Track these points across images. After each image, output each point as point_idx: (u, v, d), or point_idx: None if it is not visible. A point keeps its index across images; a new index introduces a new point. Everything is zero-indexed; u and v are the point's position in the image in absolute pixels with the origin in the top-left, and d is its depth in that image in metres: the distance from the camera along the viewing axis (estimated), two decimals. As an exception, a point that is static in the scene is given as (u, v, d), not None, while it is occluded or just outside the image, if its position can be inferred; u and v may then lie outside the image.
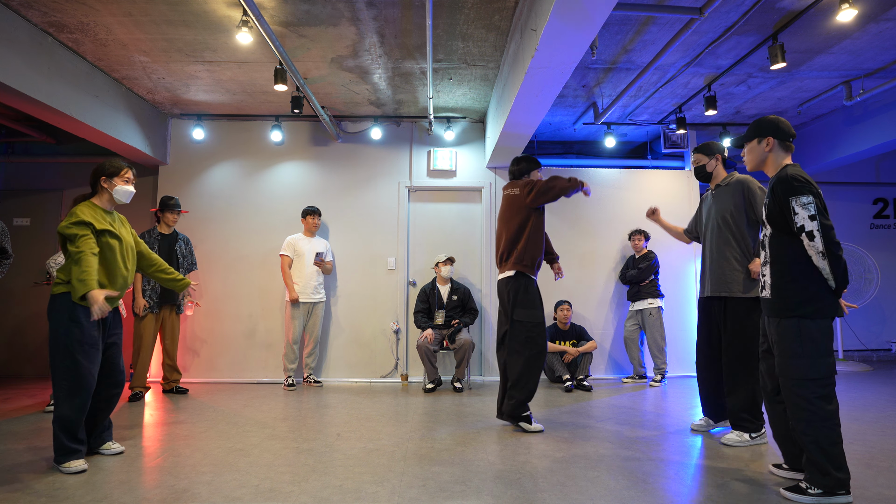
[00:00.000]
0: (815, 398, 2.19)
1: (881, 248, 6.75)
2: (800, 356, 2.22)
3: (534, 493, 2.34)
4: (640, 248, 5.37)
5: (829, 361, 2.22)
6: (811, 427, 2.19)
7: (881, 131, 5.10)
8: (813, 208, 2.18)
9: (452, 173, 5.65)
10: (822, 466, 2.17)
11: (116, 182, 2.84)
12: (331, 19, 3.68)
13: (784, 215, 2.26)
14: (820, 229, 2.16)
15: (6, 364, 5.59)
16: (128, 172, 2.88)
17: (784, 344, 2.27)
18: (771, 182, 2.36)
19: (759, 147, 2.43)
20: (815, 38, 3.95)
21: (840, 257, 2.17)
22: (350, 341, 5.44)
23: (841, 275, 2.18)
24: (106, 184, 2.84)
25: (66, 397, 2.61)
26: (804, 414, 2.20)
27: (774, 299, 2.31)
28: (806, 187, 2.21)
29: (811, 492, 2.18)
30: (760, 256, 2.47)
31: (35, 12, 3.57)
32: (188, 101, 5.17)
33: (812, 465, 2.21)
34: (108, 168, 2.84)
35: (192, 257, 4.89)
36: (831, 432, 2.18)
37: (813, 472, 2.20)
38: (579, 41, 3.00)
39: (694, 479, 2.52)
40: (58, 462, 2.61)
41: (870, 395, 4.45)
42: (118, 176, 2.85)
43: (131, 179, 2.91)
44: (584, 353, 5.06)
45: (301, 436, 3.26)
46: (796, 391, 2.23)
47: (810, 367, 2.21)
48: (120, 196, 2.85)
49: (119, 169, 2.85)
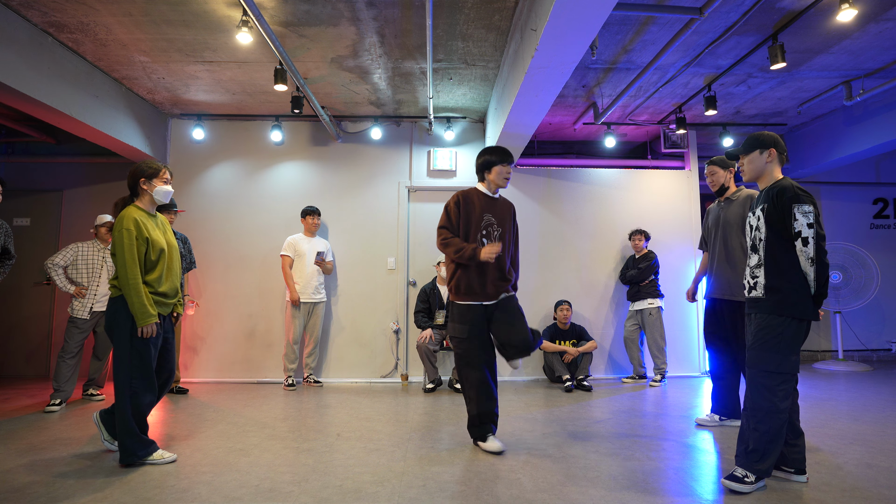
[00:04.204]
0: (777, 390, 2.36)
1: (881, 248, 6.75)
2: (774, 351, 2.37)
3: (534, 493, 2.34)
4: (640, 248, 5.37)
5: (795, 360, 2.38)
6: (767, 417, 2.35)
7: (881, 131, 5.10)
8: (812, 217, 2.33)
9: (452, 173, 5.65)
10: (761, 456, 2.35)
11: (156, 183, 2.86)
12: (331, 19, 3.68)
13: (784, 220, 2.39)
14: (814, 237, 2.31)
15: (6, 364, 5.59)
16: (166, 172, 2.91)
17: (762, 336, 2.40)
18: (770, 190, 2.48)
19: (760, 158, 2.54)
20: (815, 38, 3.95)
21: (826, 266, 2.34)
22: (350, 341, 5.44)
23: (824, 281, 2.34)
24: (146, 185, 2.85)
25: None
26: (764, 404, 2.36)
27: (766, 298, 2.42)
28: (808, 197, 2.36)
29: (748, 480, 2.36)
30: (751, 259, 2.54)
31: (35, 12, 3.57)
32: (188, 101, 5.16)
33: (752, 454, 2.37)
34: (147, 170, 2.85)
35: (190, 256, 4.88)
36: (781, 428, 2.35)
37: (751, 461, 2.37)
38: (579, 41, 3.00)
39: (694, 479, 2.53)
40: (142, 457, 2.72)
41: (870, 395, 4.45)
42: (157, 177, 2.87)
43: (170, 179, 2.94)
44: (584, 353, 5.06)
45: (301, 436, 3.26)
46: (762, 381, 2.38)
47: (780, 362, 2.36)
48: (160, 196, 2.88)
49: (158, 170, 2.87)
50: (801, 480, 2.46)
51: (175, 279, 2.91)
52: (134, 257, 2.67)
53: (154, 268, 2.78)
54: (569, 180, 5.79)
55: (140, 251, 2.71)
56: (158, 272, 2.78)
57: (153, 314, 2.68)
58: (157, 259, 2.78)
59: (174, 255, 2.92)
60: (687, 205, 5.81)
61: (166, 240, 2.89)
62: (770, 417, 2.34)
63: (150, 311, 2.66)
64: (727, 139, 5.73)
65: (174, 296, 2.90)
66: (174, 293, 2.89)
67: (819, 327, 6.69)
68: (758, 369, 2.40)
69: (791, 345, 2.35)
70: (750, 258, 2.55)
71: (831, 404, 4.13)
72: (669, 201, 5.82)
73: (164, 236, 2.89)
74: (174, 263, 2.91)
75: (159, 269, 2.79)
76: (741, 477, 2.36)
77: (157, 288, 2.78)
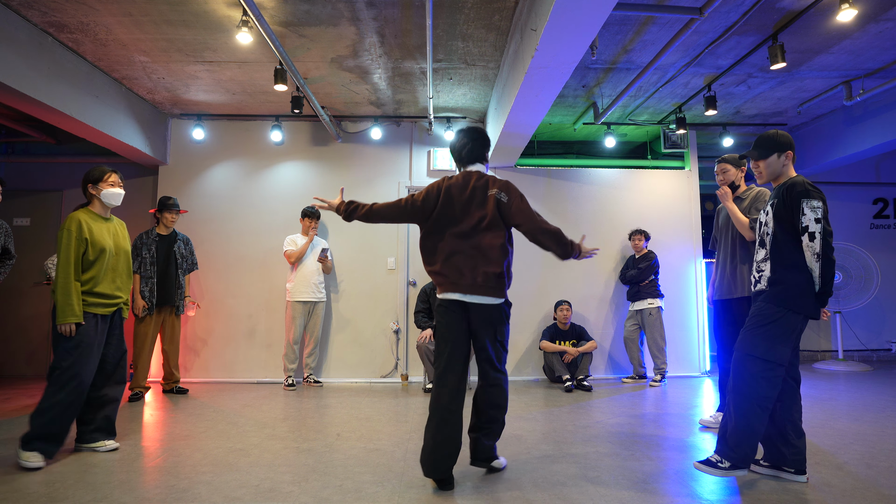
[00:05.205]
0: (760, 377, 2.35)
1: (881, 248, 6.75)
2: (763, 337, 2.37)
3: (533, 493, 2.34)
4: (640, 248, 5.37)
5: (785, 351, 2.36)
6: (748, 403, 2.34)
7: (881, 131, 5.09)
8: (820, 213, 2.33)
9: (453, 173, 5.64)
10: (738, 442, 2.34)
11: (102, 187, 2.96)
12: (331, 19, 3.68)
13: (792, 215, 2.39)
14: (821, 233, 2.30)
15: (6, 364, 5.59)
16: (112, 176, 2.99)
17: (755, 321, 2.41)
18: (782, 186, 2.48)
19: (778, 161, 2.55)
20: (815, 38, 3.95)
21: (832, 262, 2.32)
22: (350, 341, 5.44)
23: (829, 279, 2.32)
24: (93, 190, 2.96)
25: None
26: (745, 389, 2.36)
27: (770, 289, 2.43)
28: (817, 194, 2.37)
29: (721, 465, 2.36)
30: (758, 254, 2.54)
31: (35, 12, 3.57)
32: (188, 101, 5.16)
33: (730, 439, 2.36)
34: (93, 174, 2.96)
35: (192, 258, 4.88)
36: (763, 416, 2.34)
37: (726, 447, 2.37)
38: (579, 41, 3.00)
39: (694, 479, 2.52)
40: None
41: (870, 395, 4.45)
42: (103, 181, 2.97)
43: (118, 182, 3.02)
44: (584, 353, 5.05)
45: (301, 436, 3.26)
46: (746, 365, 2.39)
47: (768, 350, 2.35)
48: (109, 199, 2.97)
49: (103, 174, 2.97)
50: (801, 480, 2.45)
51: (120, 281, 3.02)
52: (69, 257, 2.78)
53: (90, 267, 2.86)
54: (569, 180, 5.79)
55: (78, 251, 2.81)
56: (95, 272, 2.87)
57: (75, 315, 2.76)
58: (94, 259, 2.87)
59: (121, 258, 3.03)
60: (687, 205, 5.81)
61: (115, 244, 3.00)
62: (748, 403, 2.33)
63: (72, 311, 2.75)
64: (727, 139, 5.73)
65: (116, 297, 2.99)
66: (116, 295, 2.98)
67: (819, 327, 6.69)
68: (744, 352, 2.40)
69: (783, 334, 2.34)
70: (757, 253, 2.55)
71: (831, 404, 4.12)
72: (669, 201, 5.82)
73: (114, 240, 3.00)
74: (119, 266, 3.02)
75: (96, 269, 2.87)
76: (715, 462, 2.37)
77: (93, 288, 2.86)
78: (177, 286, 4.67)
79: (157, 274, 4.58)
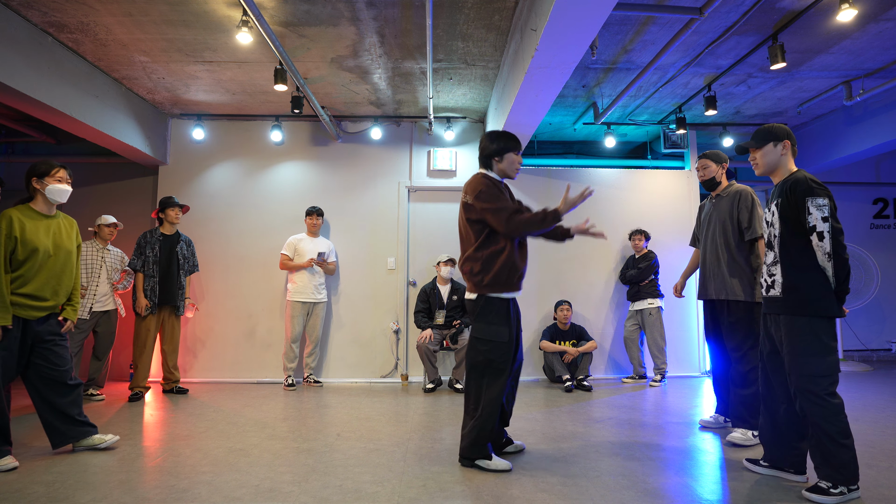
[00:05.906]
0: (825, 394, 2.25)
1: (881, 248, 6.75)
2: (811, 354, 2.27)
3: (533, 493, 2.34)
4: (640, 248, 5.37)
5: (835, 359, 2.28)
6: (826, 422, 2.23)
7: (881, 131, 5.09)
8: (826, 210, 2.25)
9: (452, 173, 5.65)
10: (839, 460, 2.21)
11: (48, 182, 2.82)
12: (331, 19, 3.68)
13: (798, 215, 2.32)
14: (830, 231, 2.23)
15: None
16: (60, 171, 2.85)
17: (796, 341, 2.30)
18: (784, 184, 2.41)
19: (775, 150, 2.48)
20: (815, 38, 3.95)
21: (846, 260, 2.24)
22: (350, 341, 5.44)
23: (844, 277, 2.24)
24: (38, 184, 2.82)
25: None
26: (818, 410, 2.25)
27: (786, 297, 2.35)
28: (822, 190, 2.29)
29: (833, 491, 2.21)
30: (767, 257, 2.48)
31: (35, 12, 3.57)
32: (188, 101, 5.16)
33: (828, 461, 2.23)
34: (39, 168, 2.82)
35: (193, 259, 4.88)
36: (844, 426, 2.24)
37: (830, 469, 2.23)
38: (579, 41, 3.00)
39: (694, 478, 2.52)
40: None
41: (870, 395, 4.45)
42: (49, 175, 2.82)
43: (65, 178, 2.87)
44: (584, 353, 5.05)
45: (301, 436, 3.26)
46: (808, 388, 2.26)
47: (820, 364, 2.26)
48: (54, 196, 2.83)
49: (50, 168, 2.83)
50: (800, 480, 2.45)
51: (56, 284, 2.83)
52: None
53: (20, 267, 2.71)
54: (569, 180, 5.79)
55: (6, 249, 2.66)
56: (23, 272, 2.71)
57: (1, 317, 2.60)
58: (24, 259, 2.71)
59: (61, 259, 2.86)
60: (687, 205, 5.81)
61: (55, 243, 2.83)
62: (837, 419, 2.22)
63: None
64: (727, 139, 5.73)
65: (49, 299, 2.81)
66: (49, 297, 2.80)
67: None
68: (805, 377, 2.26)
69: (823, 345, 2.26)
70: (766, 255, 2.49)
71: (831, 404, 4.12)
72: (669, 201, 5.82)
73: (53, 239, 2.83)
74: (57, 267, 2.84)
75: (25, 269, 2.71)
76: (825, 489, 2.22)
77: (20, 288, 2.70)
78: (178, 286, 4.67)
79: (160, 273, 4.58)
